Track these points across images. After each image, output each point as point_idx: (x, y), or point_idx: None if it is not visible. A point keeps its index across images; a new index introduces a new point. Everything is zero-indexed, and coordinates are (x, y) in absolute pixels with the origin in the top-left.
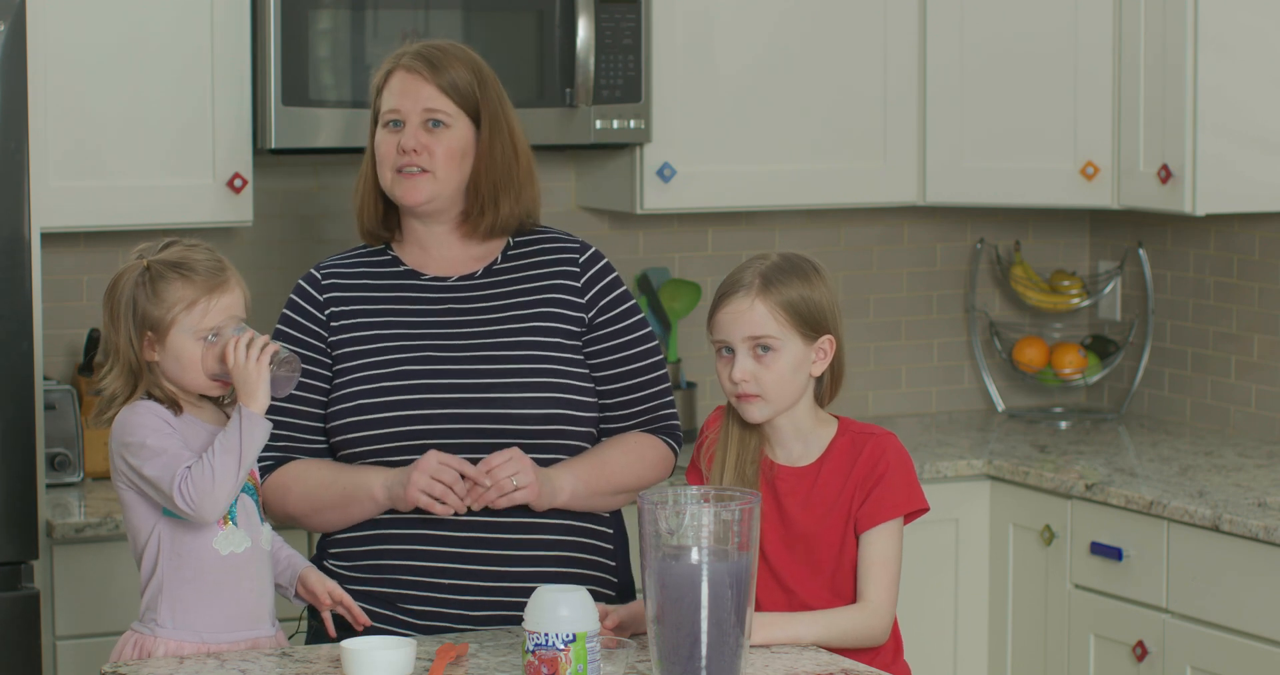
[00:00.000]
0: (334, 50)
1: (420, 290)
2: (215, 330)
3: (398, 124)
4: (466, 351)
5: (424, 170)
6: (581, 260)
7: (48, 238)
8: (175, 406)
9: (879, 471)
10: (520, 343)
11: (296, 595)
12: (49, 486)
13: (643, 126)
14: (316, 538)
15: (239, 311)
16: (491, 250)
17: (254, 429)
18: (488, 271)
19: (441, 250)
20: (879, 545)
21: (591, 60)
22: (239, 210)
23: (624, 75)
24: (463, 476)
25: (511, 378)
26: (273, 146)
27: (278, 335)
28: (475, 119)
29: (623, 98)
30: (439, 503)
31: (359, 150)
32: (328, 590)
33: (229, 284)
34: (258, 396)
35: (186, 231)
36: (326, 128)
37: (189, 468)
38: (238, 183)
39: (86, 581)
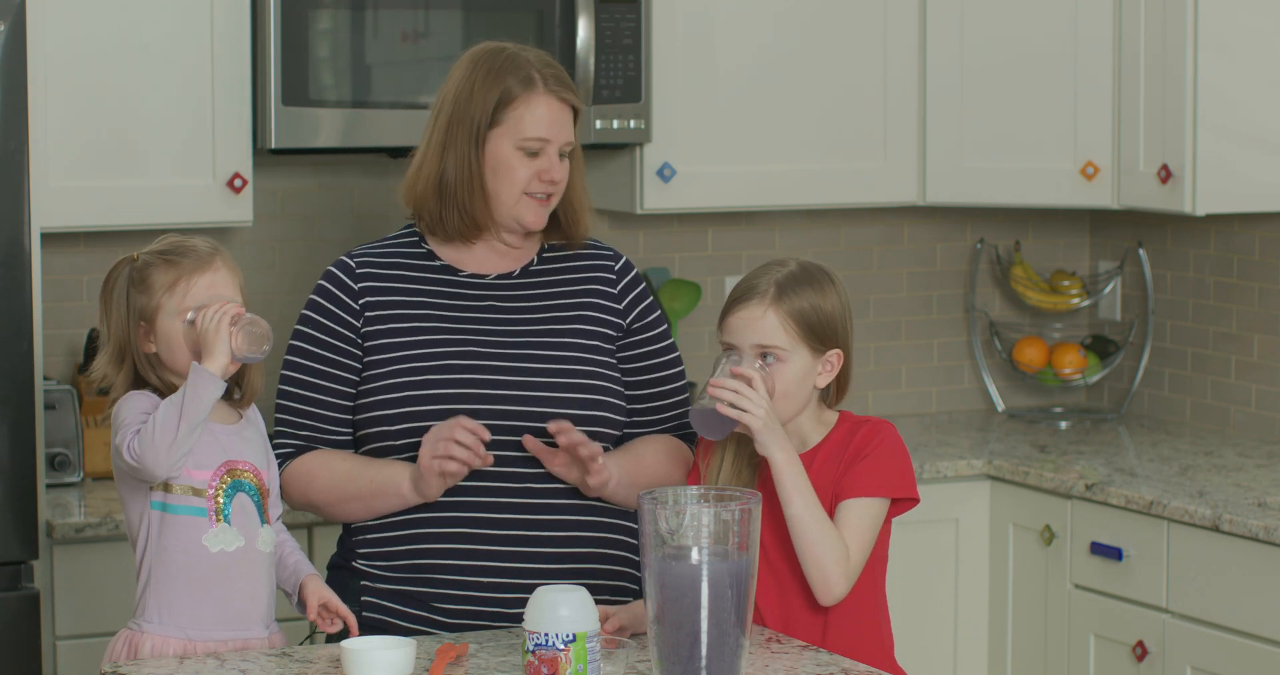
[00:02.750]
0: (334, 50)
1: (458, 286)
2: (199, 308)
3: (533, 151)
4: (510, 349)
5: (549, 196)
6: (617, 267)
7: (48, 238)
8: None
9: (866, 451)
10: (563, 344)
11: (298, 603)
12: (49, 486)
13: (643, 126)
14: (333, 538)
15: (226, 291)
16: (528, 251)
17: (200, 383)
18: (525, 272)
19: (484, 249)
20: (851, 514)
21: (591, 60)
22: (239, 210)
23: (624, 75)
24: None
25: (555, 377)
26: (273, 146)
27: (304, 321)
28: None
29: (623, 98)
30: (458, 471)
31: (359, 150)
32: (320, 603)
33: (213, 264)
34: (214, 355)
35: (187, 231)
36: (326, 128)
37: (139, 428)
38: (238, 183)
39: (86, 581)
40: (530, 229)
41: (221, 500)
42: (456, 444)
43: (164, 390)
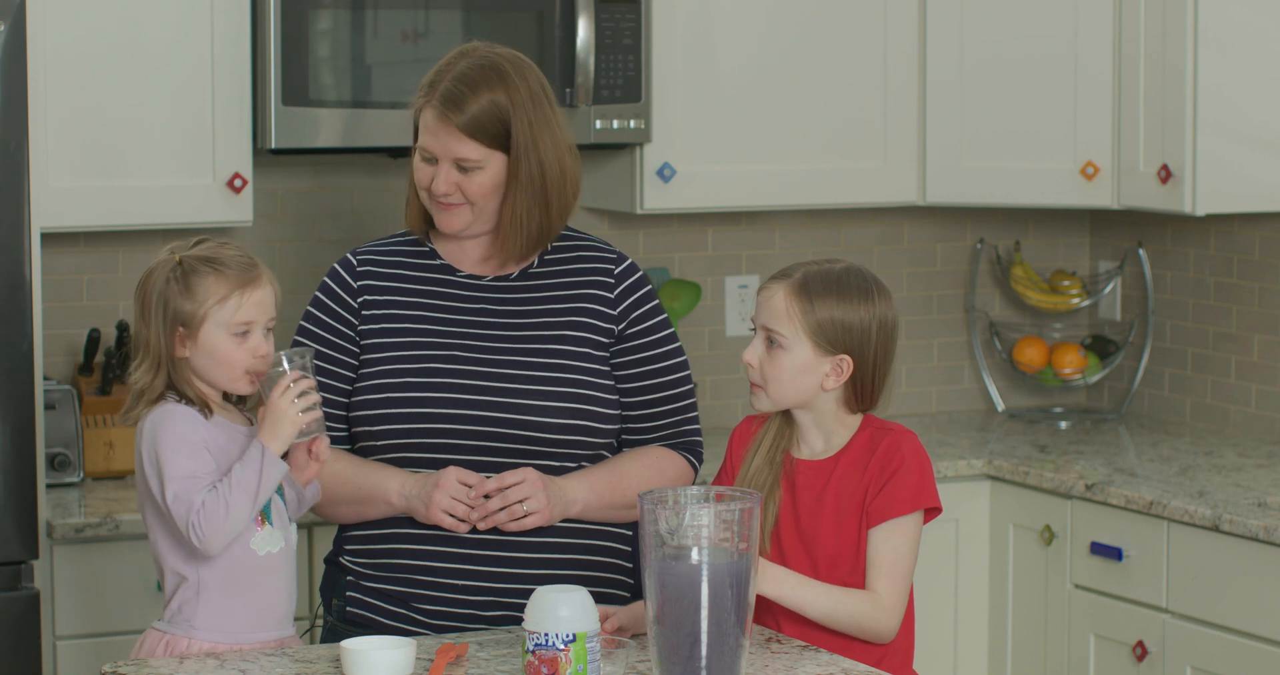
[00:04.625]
0: (334, 50)
1: (455, 286)
2: (247, 325)
3: (431, 160)
4: (494, 354)
5: (460, 203)
6: (617, 271)
7: (48, 238)
8: (206, 408)
9: (893, 467)
10: (549, 350)
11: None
12: (49, 486)
13: (643, 126)
14: (330, 536)
15: (270, 308)
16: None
17: (273, 471)
18: (523, 274)
19: (480, 252)
20: (890, 543)
21: (591, 60)
22: (239, 210)
23: (624, 75)
24: (485, 496)
25: (537, 384)
26: (273, 146)
27: (307, 317)
28: (508, 149)
29: (623, 98)
30: (459, 520)
31: (359, 150)
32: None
33: (260, 280)
34: (279, 437)
35: (186, 232)
36: (326, 128)
37: (204, 502)
38: (238, 183)
39: (86, 581)
40: (443, 231)
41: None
42: (473, 510)
43: (196, 402)
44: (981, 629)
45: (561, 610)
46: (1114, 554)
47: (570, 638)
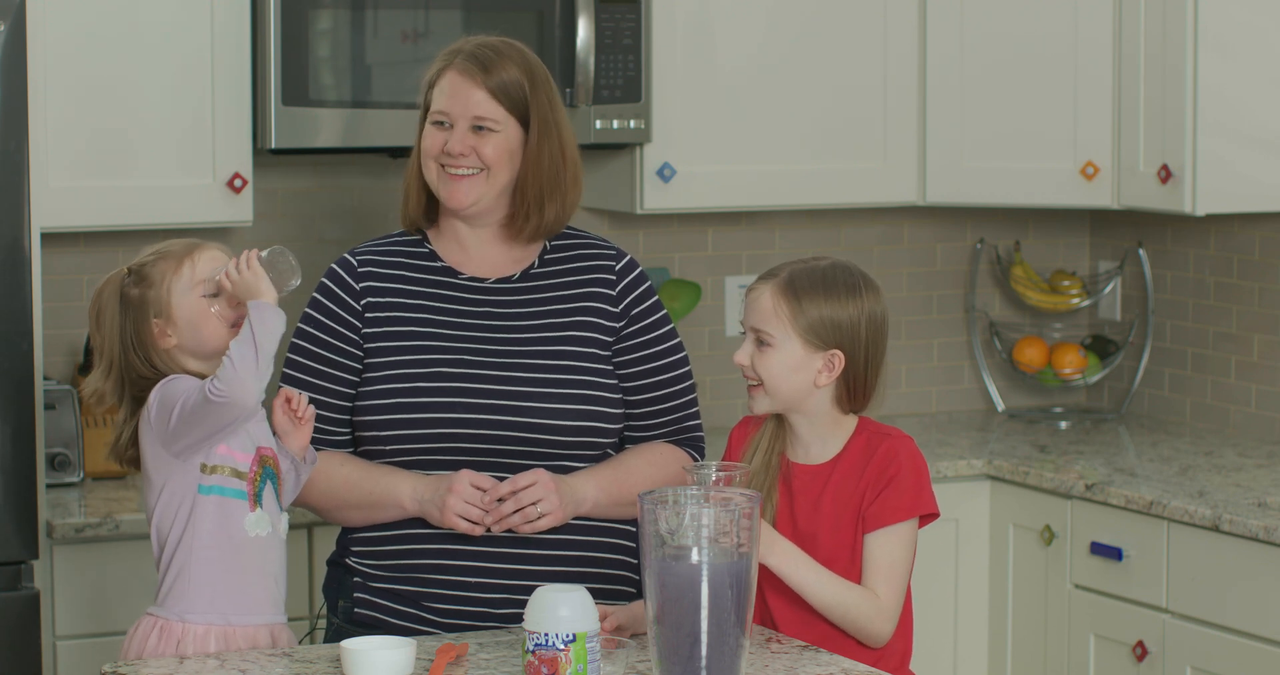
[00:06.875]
0: (334, 50)
1: (457, 290)
2: (208, 282)
3: (445, 124)
4: (501, 356)
5: (472, 172)
6: (618, 268)
7: (48, 238)
8: None
9: (890, 473)
10: (555, 352)
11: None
12: (49, 486)
13: (643, 126)
14: (332, 536)
15: (225, 263)
16: (529, 253)
17: (264, 315)
18: (525, 275)
19: (481, 249)
20: (887, 547)
21: (591, 60)
22: (239, 210)
23: (624, 75)
24: (499, 499)
25: (545, 386)
26: (273, 146)
27: (305, 319)
28: (524, 122)
29: (623, 98)
30: (473, 524)
31: (359, 150)
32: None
33: (203, 245)
34: (262, 293)
35: (186, 232)
36: (326, 128)
37: (214, 374)
38: (238, 183)
39: (86, 581)
40: (450, 206)
41: (259, 484)
42: (487, 514)
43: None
44: (981, 629)
45: (561, 610)
46: (1114, 554)
47: (570, 638)
